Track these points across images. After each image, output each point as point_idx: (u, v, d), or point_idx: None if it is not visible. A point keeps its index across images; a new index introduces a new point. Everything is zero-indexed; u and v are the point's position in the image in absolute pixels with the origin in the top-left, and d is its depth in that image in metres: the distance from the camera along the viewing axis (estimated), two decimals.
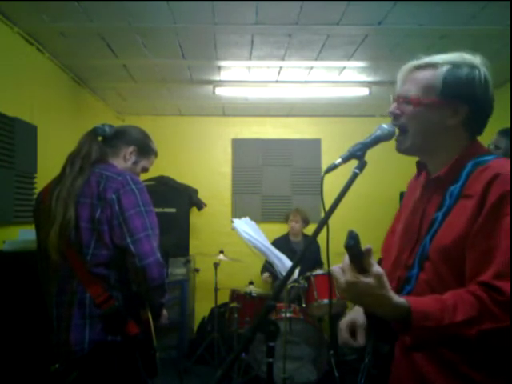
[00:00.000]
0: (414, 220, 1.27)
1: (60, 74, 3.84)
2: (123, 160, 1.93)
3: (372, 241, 1.07)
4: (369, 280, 0.99)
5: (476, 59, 1.20)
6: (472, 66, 1.19)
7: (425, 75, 1.20)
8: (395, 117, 1.24)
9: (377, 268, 1.00)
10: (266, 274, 4.62)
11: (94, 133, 1.89)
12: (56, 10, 2.85)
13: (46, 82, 3.55)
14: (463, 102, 1.18)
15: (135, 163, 1.96)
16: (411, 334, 1.03)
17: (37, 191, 1.96)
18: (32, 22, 3.00)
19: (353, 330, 1.34)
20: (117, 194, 1.71)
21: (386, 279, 1.00)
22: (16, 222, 2.95)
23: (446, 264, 1.11)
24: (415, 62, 1.23)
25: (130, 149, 1.94)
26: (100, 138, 1.91)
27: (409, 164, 1.46)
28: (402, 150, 1.26)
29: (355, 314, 1.37)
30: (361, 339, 1.30)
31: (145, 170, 2.02)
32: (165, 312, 1.99)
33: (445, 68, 1.18)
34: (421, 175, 1.36)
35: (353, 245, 0.99)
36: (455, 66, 1.19)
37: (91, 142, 1.85)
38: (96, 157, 1.82)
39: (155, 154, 2.05)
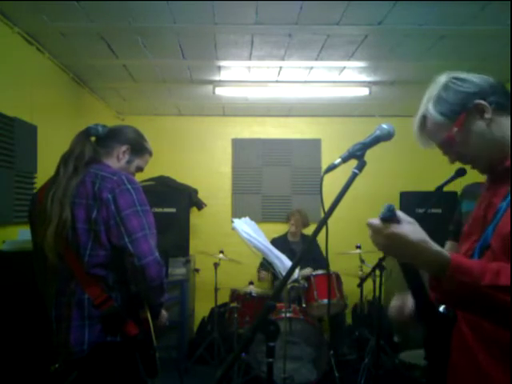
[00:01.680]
0: (479, 214, 1.27)
1: (60, 74, 3.84)
2: (116, 159, 1.91)
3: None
4: (405, 228, 0.99)
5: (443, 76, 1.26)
6: (440, 79, 1.25)
7: (435, 117, 1.22)
8: (450, 155, 1.26)
9: (408, 218, 1.01)
10: (264, 273, 4.61)
11: (86, 133, 1.87)
12: (56, 9, 2.84)
13: (46, 82, 3.55)
14: (473, 98, 1.20)
15: (129, 162, 1.93)
16: (444, 284, 1.00)
17: (37, 191, 1.96)
18: (32, 21, 3.00)
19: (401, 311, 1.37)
20: (112, 193, 1.70)
21: (420, 227, 1.01)
22: (16, 222, 2.95)
23: (505, 253, 1.09)
24: (415, 125, 1.27)
25: (123, 148, 1.91)
26: (93, 138, 1.90)
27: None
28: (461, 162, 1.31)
29: (405, 299, 1.38)
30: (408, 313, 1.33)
31: (139, 169, 2.00)
32: (164, 312, 1.98)
33: (431, 104, 1.23)
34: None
35: (391, 217, 0.97)
36: (436, 88, 1.24)
37: (84, 142, 1.84)
38: (89, 157, 1.81)
39: (150, 153, 2.02)
